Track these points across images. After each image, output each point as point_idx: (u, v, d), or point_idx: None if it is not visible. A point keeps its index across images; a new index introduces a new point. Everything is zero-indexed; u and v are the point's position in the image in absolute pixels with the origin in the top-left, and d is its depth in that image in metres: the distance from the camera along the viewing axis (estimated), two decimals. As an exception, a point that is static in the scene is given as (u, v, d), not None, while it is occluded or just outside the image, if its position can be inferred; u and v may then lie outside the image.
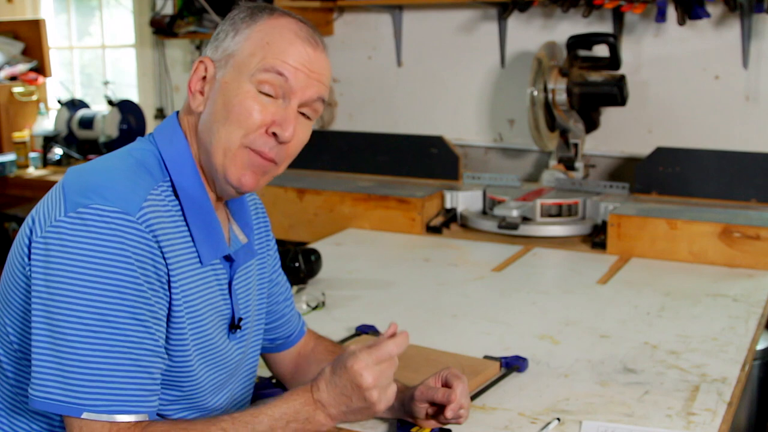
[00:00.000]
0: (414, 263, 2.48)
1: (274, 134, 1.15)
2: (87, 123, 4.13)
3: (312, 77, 1.16)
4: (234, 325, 1.24)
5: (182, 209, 1.15)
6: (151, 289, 1.07)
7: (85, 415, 1.02)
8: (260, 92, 1.14)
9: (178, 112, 1.23)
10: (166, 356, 1.11)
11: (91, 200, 1.05)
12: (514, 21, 3.25)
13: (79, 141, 4.17)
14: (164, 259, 1.10)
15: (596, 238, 2.59)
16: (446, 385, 1.30)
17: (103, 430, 1.03)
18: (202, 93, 1.18)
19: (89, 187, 1.07)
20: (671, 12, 2.89)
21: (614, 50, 2.85)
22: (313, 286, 2.17)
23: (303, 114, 1.19)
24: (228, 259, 1.22)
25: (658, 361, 1.66)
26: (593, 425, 1.36)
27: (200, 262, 1.16)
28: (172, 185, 1.15)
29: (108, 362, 1.03)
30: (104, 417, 1.03)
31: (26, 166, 4.10)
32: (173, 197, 1.15)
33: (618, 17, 3.04)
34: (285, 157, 1.19)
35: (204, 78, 1.18)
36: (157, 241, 1.08)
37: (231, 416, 1.11)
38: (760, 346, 2.36)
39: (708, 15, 2.81)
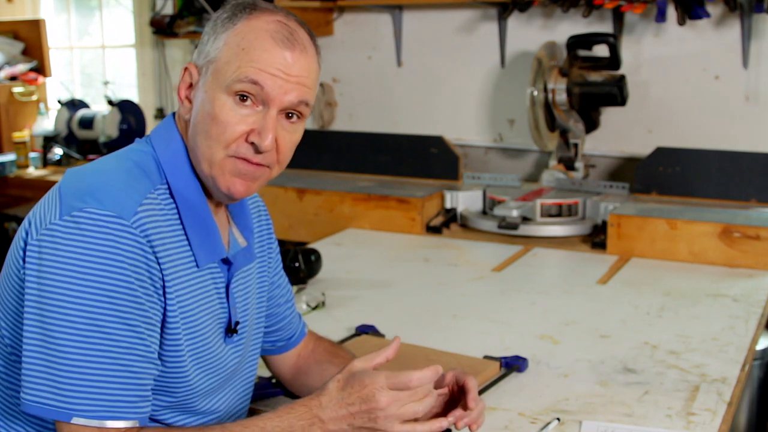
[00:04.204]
0: (414, 263, 2.48)
1: (253, 143, 1.12)
2: (87, 123, 4.13)
3: (291, 81, 1.12)
4: (231, 329, 1.23)
5: (179, 211, 1.14)
6: (145, 294, 1.07)
7: (74, 420, 1.01)
8: (238, 101, 1.11)
9: (174, 113, 1.22)
10: (158, 362, 1.10)
11: (86, 204, 1.04)
12: (514, 21, 3.25)
13: (79, 141, 4.17)
14: (158, 264, 1.09)
15: (596, 238, 2.59)
16: (459, 384, 1.25)
17: None
18: (189, 100, 1.16)
19: (85, 190, 1.06)
20: (671, 12, 2.89)
21: (614, 50, 2.85)
22: (313, 286, 2.17)
23: (289, 116, 1.15)
24: (226, 262, 1.21)
25: (658, 361, 1.66)
26: (593, 425, 1.36)
27: (196, 265, 1.15)
28: (169, 188, 1.14)
29: (99, 367, 1.02)
30: (94, 423, 1.02)
31: (26, 166, 4.10)
32: (170, 200, 1.14)
33: (618, 17, 3.04)
34: (275, 161, 1.16)
35: (191, 85, 1.17)
36: (152, 246, 1.07)
37: (222, 426, 1.09)
38: (760, 346, 2.36)
39: (708, 15, 2.81)
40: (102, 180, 1.09)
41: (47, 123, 4.31)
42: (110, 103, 4.06)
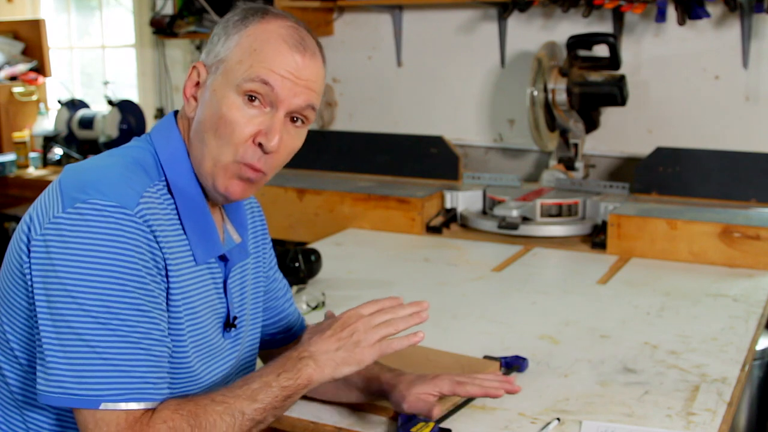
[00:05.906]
0: (414, 263, 2.48)
1: (260, 144, 1.14)
2: (87, 123, 4.13)
3: (299, 84, 1.14)
4: (229, 324, 1.25)
5: (177, 208, 1.16)
6: (152, 281, 1.08)
7: (103, 406, 1.02)
8: (247, 101, 1.13)
9: (176, 112, 1.23)
10: (170, 345, 1.11)
11: (89, 195, 1.06)
12: (514, 21, 3.25)
13: (79, 141, 4.17)
14: (162, 252, 1.10)
15: (596, 238, 2.59)
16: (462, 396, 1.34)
17: (119, 420, 1.03)
18: (195, 98, 1.18)
19: (86, 183, 1.08)
20: (671, 12, 2.89)
21: (614, 50, 2.85)
22: (313, 286, 2.17)
23: (294, 120, 1.17)
24: (223, 258, 1.23)
25: (658, 361, 1.66)
26: (593, 425, 1.36)
27: (195, 260, 1.17)
28: (168, 184, 1.16)
29: (121, 353, 1.03)
30: (122, 405, 1.03)
31: (26, 166, 4.10)
32: (169, 196, 1.15)
33: (618, 17, 3.04)
34: (273, 167, 1.18)
35: (198, 83, 1.18)
36: (155, 236, 1.09)
37: (225, 386, 1.15)
38: (760, 346, 2.36)
39: (708, 15, 2.81)
40: (102, 173, 1.11)
41: (47, 123, 4.31)
42: (110, 103, 4.06)
